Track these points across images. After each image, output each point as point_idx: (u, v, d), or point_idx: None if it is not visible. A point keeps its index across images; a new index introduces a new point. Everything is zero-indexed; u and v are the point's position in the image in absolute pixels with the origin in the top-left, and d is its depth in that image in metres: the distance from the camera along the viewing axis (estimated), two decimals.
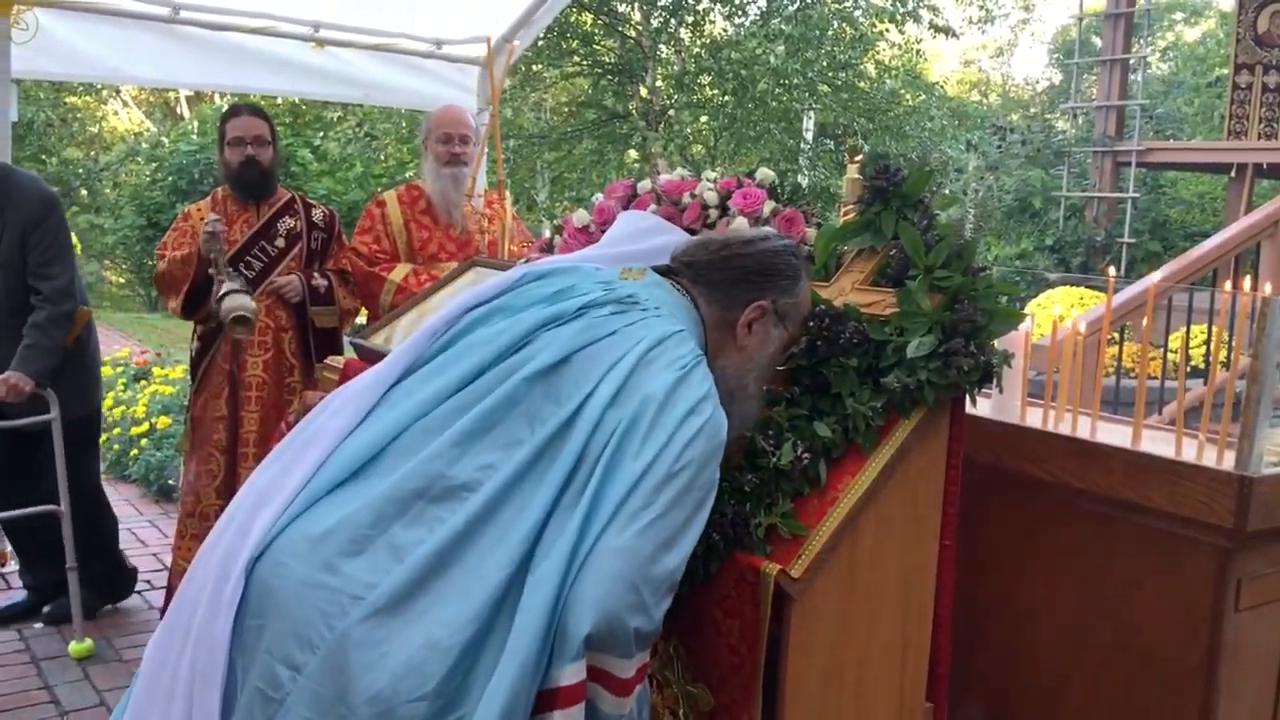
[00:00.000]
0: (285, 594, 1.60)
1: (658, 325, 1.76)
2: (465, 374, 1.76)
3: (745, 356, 1.89)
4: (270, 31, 4.81)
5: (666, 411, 1.63)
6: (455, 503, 1.62)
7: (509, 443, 1.66)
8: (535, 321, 1.79)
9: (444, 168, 3.87)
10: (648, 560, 1.55)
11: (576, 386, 1.69)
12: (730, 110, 15.38)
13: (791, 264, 1.93)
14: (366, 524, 1.62)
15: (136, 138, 18.53)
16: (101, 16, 4.51)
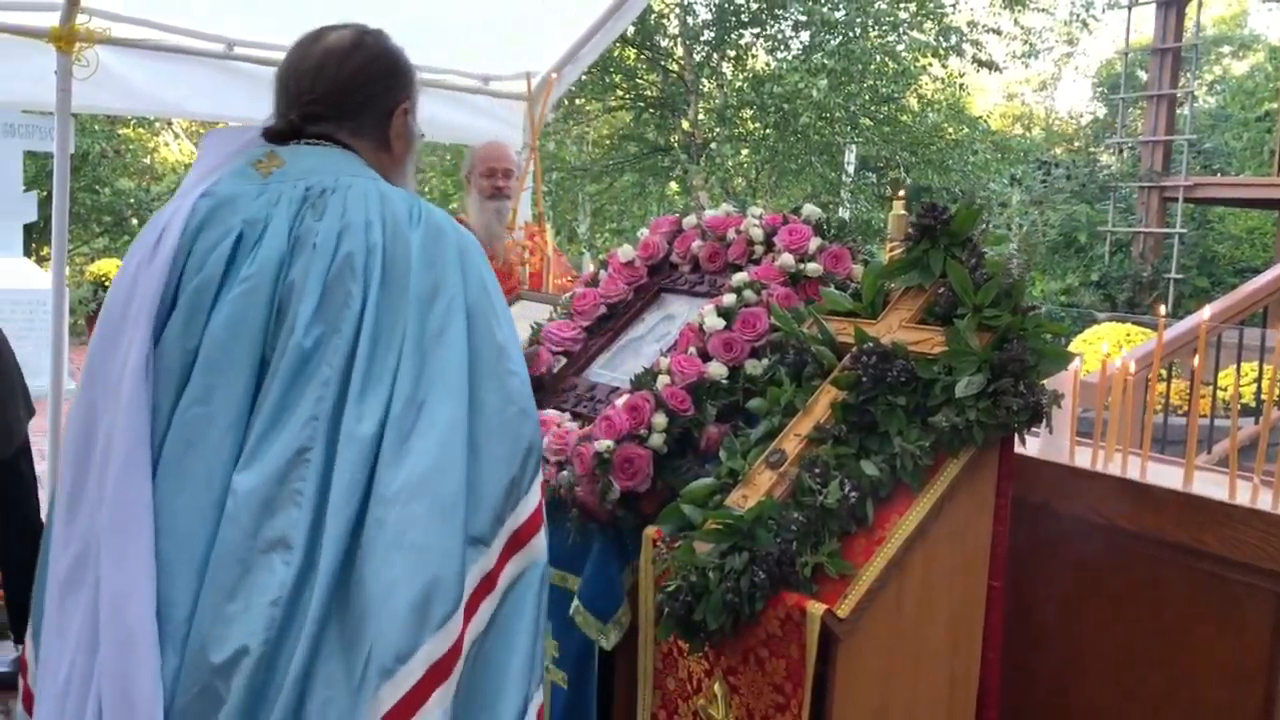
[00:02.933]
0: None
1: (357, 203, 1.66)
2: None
3: (402, 166, 1.85)
4: None
5: (418, 262, 1.62)
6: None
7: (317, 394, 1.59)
8: (260, 277, 1.63)
9: (487, 201, 3.93)
10: (509, 384, 1.63)
11: (350, 299, 1.62)
12: (772, 143, 15.41)
13: (403, 54, 1.88)
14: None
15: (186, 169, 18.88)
16: (158, 53, 4.61)
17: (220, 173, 1.74)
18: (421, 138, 1.92)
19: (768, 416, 2.08)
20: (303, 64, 1.83)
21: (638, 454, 2.20)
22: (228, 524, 1.55)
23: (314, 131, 1.76)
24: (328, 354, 1.59)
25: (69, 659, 1.61)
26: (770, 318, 2.28)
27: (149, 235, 1.70)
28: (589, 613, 2.27)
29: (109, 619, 1.54)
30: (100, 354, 1.68)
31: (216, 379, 1.60)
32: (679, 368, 2.27)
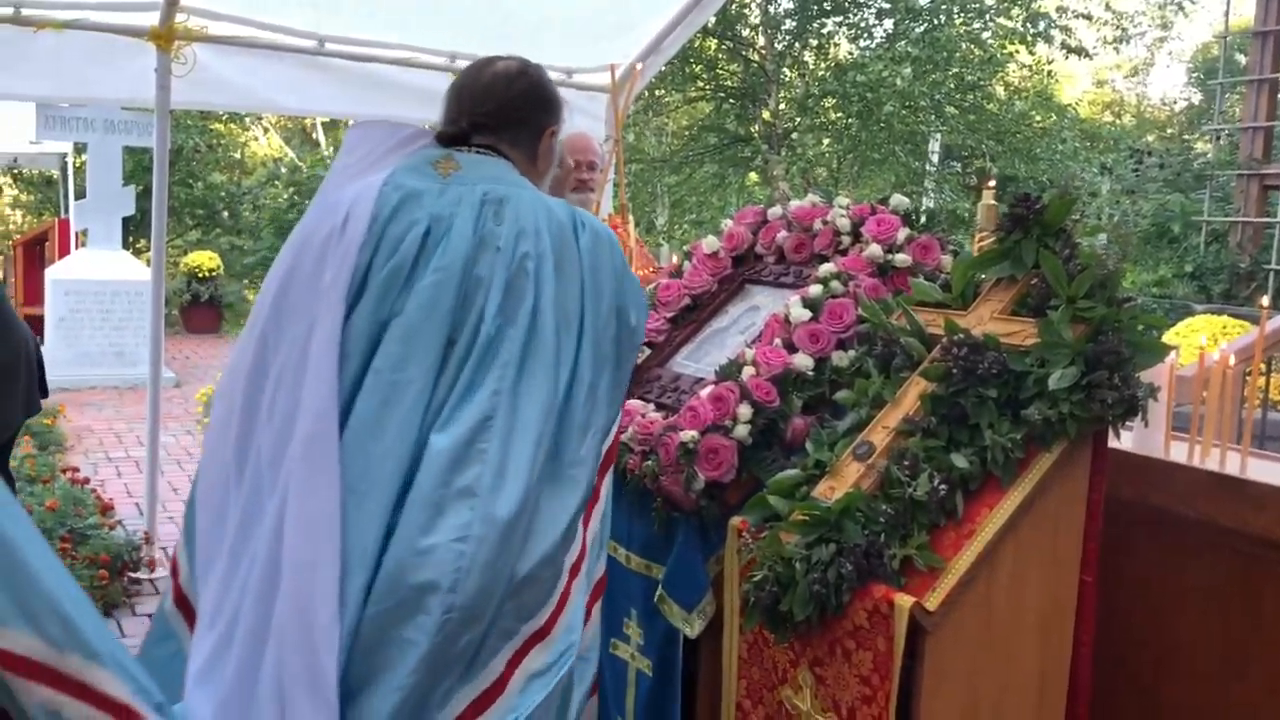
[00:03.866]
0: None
1: (518, 195, 1.98)
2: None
3: (542, 179, 2.15)
4: (409, 62, 4.98)
5: (600, 269, 1.97)
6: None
7: (498, 375, 1.89)
8: (452, 266, 1.94)
9: (571, 194, 3.95)
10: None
11: (525, 296, 1.93)
12: (854, 133, 15.24)
13: (554, 86, 2.19)
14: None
15: (276, 163, 19.32)
16: (254, 50, 4.73)
17: (391, 166, 2.02)
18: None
19: (855, 408, 2.07)
20: (476, 83, 2.15)
21: (722, 445, 2.21)
22: (424, 473, 1.84)
23: (479, 141, 2.06)
24: (507, 341, 1.90)
25: (241, 578, 1.92)
26: (857, 309, 2.27)
27: (333, 216, 1.98)
28: (673, 601, 2.28)
29: (295, 542, 1.83)
30: (277, 316, 1.99)
31: (412, 351, 1.90)
32: (764, 359, 2.28)
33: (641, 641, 2.53)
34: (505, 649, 1.84)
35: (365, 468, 1.87)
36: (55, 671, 1.84)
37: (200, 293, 13.34)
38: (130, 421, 8.25)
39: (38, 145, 11.48)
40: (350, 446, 1.87)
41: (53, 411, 7.59)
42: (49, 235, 11.98)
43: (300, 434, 1.89)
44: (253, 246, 17.02)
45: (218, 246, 16.21)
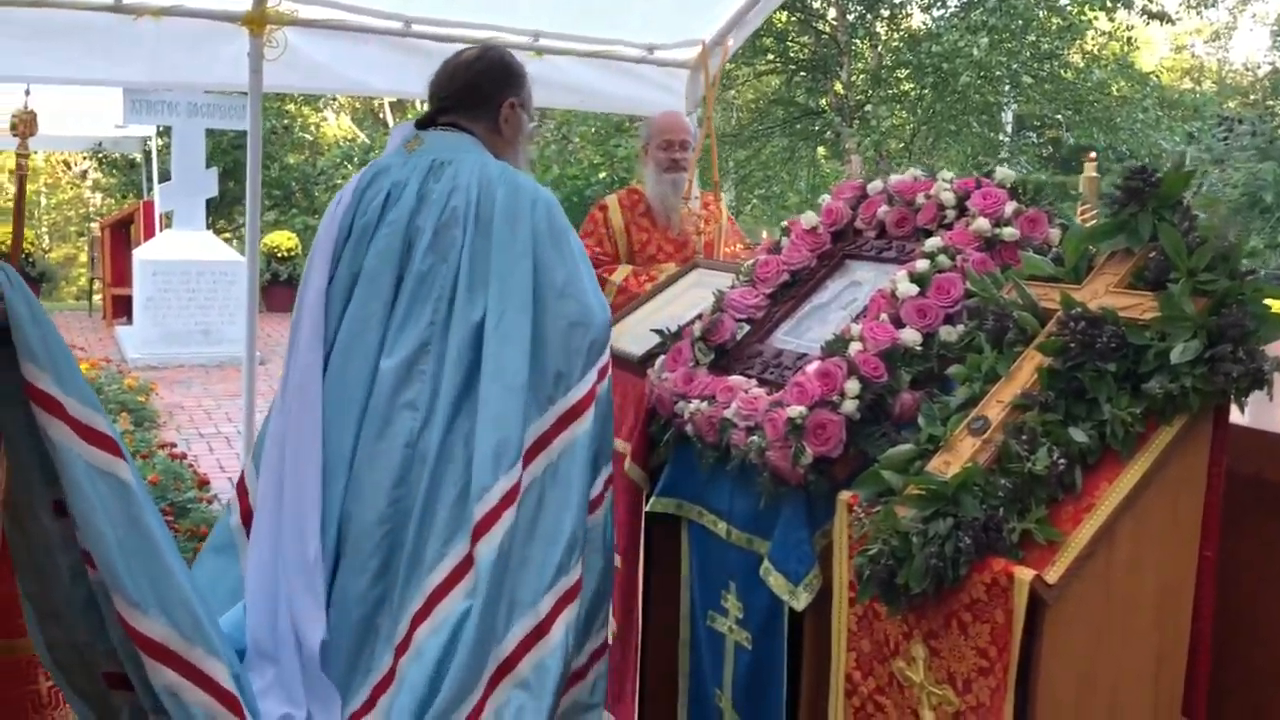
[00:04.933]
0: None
1: (440, 154, 2.45)
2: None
3: (512, 148, 2.57)
4: (494, 42, 5.02)
5: (503, 213, 2.34)
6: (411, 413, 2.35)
7: (433, 308, 2.35)
8: (398, 221, 2.42)
9: (664, 173, 3.97)
10: (579, 302, 2.36)
11: (450, 245, 2.37)
12: (929, 104, 15.02)
13: (516, 63, 2.61)
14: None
15: (350, 143, 19.60)
16: (342, 32, 4.81)
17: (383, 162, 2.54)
18: (534, 127, 2.73)
19: (967, 383, 2.07)
20: (443, 73, 2.59)
21: (830, 420, 2.22)
22: (375, 394, 2.35)
23: (444, 120, 2.52)
24: (439, 278, 2.36)
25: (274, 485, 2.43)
26: (965, 283, 2.26)
27: (337, 198, 2.53)
28: (780, 574, 2.31)
29: (290, 465, 2.37)
30: (301, 282, 2.52)
31: (371, 292, 2.40)
32: (871, 334, 2.28)
33: (741, 615, 2.56)
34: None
35: (341, 389, 2.37)
36: (182, 659, 2.10)
37: (279, 272, 13.61)
38: (218, 398, 8.48)
39: (122, 129, 11.79)
40: (333, 372, 2.39)
41: (145, 389, 7.83)
42: (135, 217, 12.31)
43: (292, 382, 2.43)
44: None
45: (293, 227, 16.51)
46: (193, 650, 2.10)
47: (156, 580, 2.08)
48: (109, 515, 2.05)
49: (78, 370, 2.10)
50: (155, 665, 2.07)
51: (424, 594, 2.27)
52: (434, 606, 2.27)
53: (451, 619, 2.23)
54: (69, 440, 2.04)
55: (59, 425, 2.04)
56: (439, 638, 2.23)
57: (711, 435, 2.50)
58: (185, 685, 2.09)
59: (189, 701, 2.08)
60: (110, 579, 2.05)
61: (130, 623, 2.06)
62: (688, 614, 2.76)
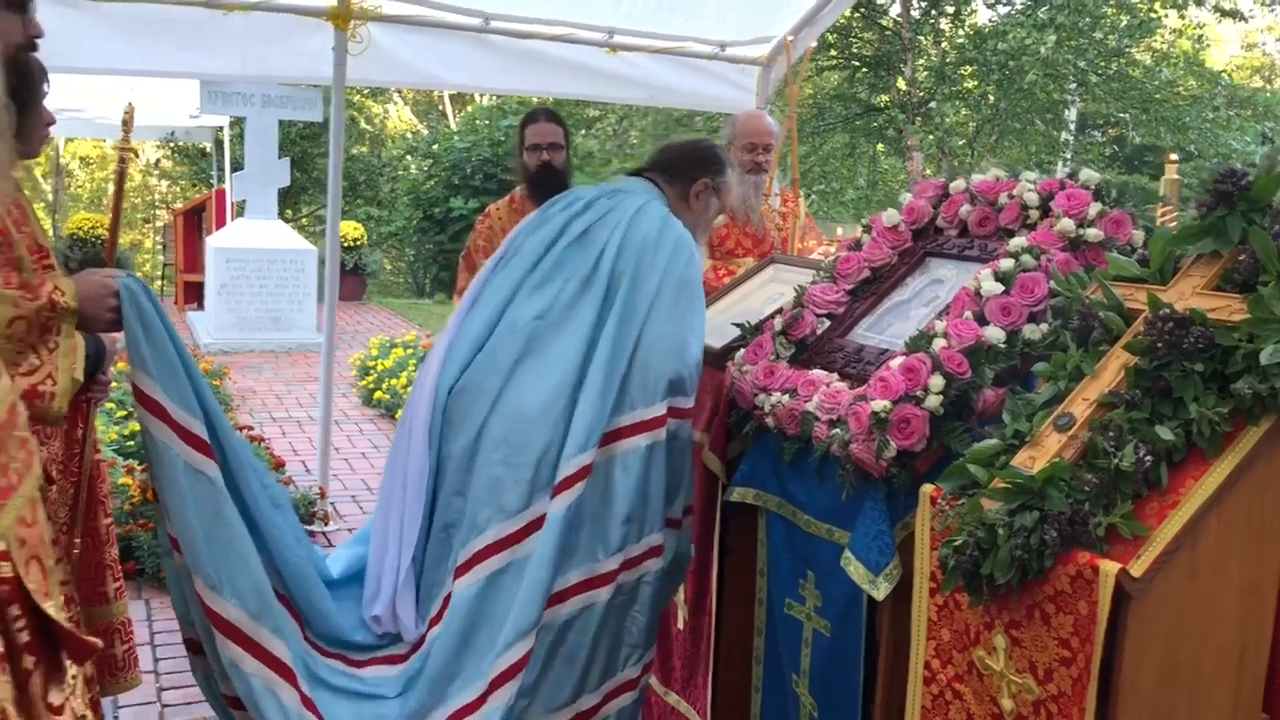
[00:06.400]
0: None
1: (637, 199, 2.81)
2: (534, 255, 2.81)
3: (695, 218, 2.92)
4: (569, 38, 5.11)
5: (661, 243, 2.69)
6: (539, 322, 2.67)
7: (563, 280, 2.70)
8: (563, 219, 2.81)
9: (746, 174, 4.02)
10: (681, 340, 2.63)
11: (595, 245, 2.72)
12: (993, 102, 14.88)
13: (722, 155, 3.03)
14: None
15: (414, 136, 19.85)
16: (423, 28, 4.93)
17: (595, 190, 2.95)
18: (720, 212, 3.21)
19: (1052, 380, 2.11)
20: (660, 147, 3.10)
21: (914, 414, 2.27)
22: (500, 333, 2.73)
23: (646, 173, 2.96)
24: (573, 263, 2.73)
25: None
26: (1049, 283, 2.30)
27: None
28: (861, 564, 2.37)
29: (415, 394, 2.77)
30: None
31: (517, 263, 2.81)
32: (955, 331, 2.33)
33: (819, 603, 2.62)
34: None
35: (470, 327, 2.78)
36: (247, 636, 2.38)
37: (345, 261, 13.81)
38: (288, 383, 8.68)
39: (196, 119, 12.06)
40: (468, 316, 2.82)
41: (219, 373, 8.03)
42: (206, 205, 12.58)
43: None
44: (388, 217, 17.57)
45: (357, 217, 16.77)
46: (259, 630, 2.39)
47: (232, 566, 2.38)
48: (198, 508, 2.34)
49: (181, 378, 2.34)
50: (224, 640, 2.38)
51: (472, 550, 2.57)
52: (478, 564, 2.57)
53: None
54: (169, 440, 2.33)
55: (162, 426, 2.32)
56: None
57: (793, 427, 2.56)
58: (246, 658, 2.37)
59: (248, 671, 2.36)
60: (193, 563, 2.35)
61: (207, 602, 2.36)
62: (764, 601, 2.83)
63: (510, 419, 2.57)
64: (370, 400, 8.04)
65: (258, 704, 2.35)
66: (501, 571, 2.54)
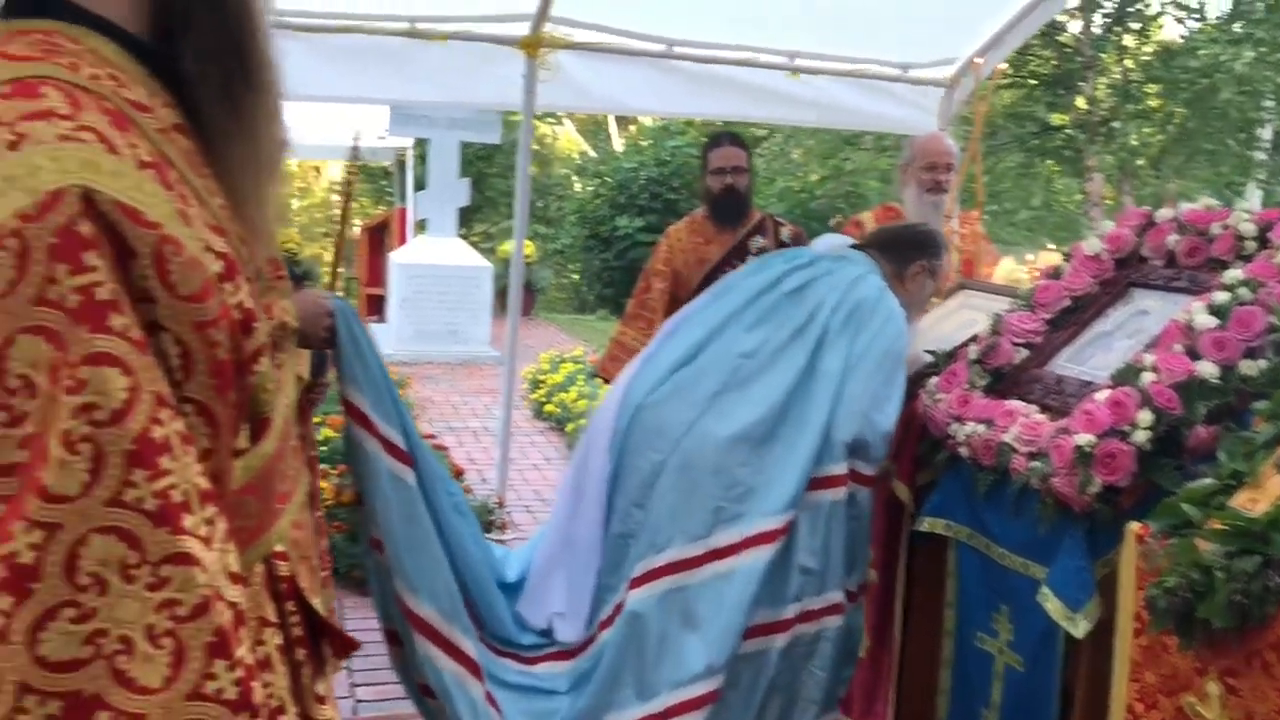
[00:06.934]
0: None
1: (858, 268, 2.94)
2: (747, 296, 2.94)
3: (909, 298, 2.98)
4: (751, 62, 5.16)
5: (878, 309, 2.80)
6: (745, 360, 2.76)
7: (776, 327, 2.80)
8: (783, 269, 2.96)
9: (927, 194, 3.99)
10: (873, 405, 2.70)
11: (812, 299, 2.84)
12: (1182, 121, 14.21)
13: (940, 240, 3.18)
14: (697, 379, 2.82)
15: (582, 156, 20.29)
16: (609, 54, 5.06)
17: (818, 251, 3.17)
18: (933, 294, 3.26)
19: (1273, 419, 2.03)
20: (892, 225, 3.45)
21: (1120, 449, 2.22)
22: (707, 356, 2.87)
23: (869, 250, 3.08)
24: (784, 313, 2.86)
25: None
26: (1269, 317, 2.22)
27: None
28: (1059, 600, 2.32)
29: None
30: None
31: (727, 300, 2.98)
32: (1166, 365, 2.26)
33: (1012, 638, 2.58)
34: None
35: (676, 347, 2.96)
36: (440, 634, 2.54)
37: None
38: (464, 395, 9.00)
39: (382, 140, 12.63)
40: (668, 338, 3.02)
41: (402, 383, 8.40)
42: (389, 222, 13.16)
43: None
44: (554, 235, 18.00)
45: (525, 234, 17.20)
46: (451, 629, 2.55)
47: (427, 570, 2.54)
48: (400, 513, 2.51)
49: (383, 392, 2.51)
50: (420, 638, 2.54)
51: (650, 565, 2.66)
52: (653, 580, 2.64)
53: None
54: (376, 450, 2.50)
55: (369, 438, 2.49)
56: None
57: (988, 459, 2.53)
58: (439, 654, 2.54)
59: (442, 668, 2.52)
60: (394, 564, 2.52)
61: (405, 601, 2.53)
62: (952, 633, 2.79)
63: (704, 446, 2.64)
64: (541, 413, 8.25)
65: (450, 696, 2.51)
66: (676, 591, 2.62)
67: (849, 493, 2.69)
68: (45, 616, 0.87)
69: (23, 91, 0.93)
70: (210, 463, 0.99)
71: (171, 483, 0.92)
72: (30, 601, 0.87)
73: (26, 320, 0.88)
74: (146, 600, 0.90)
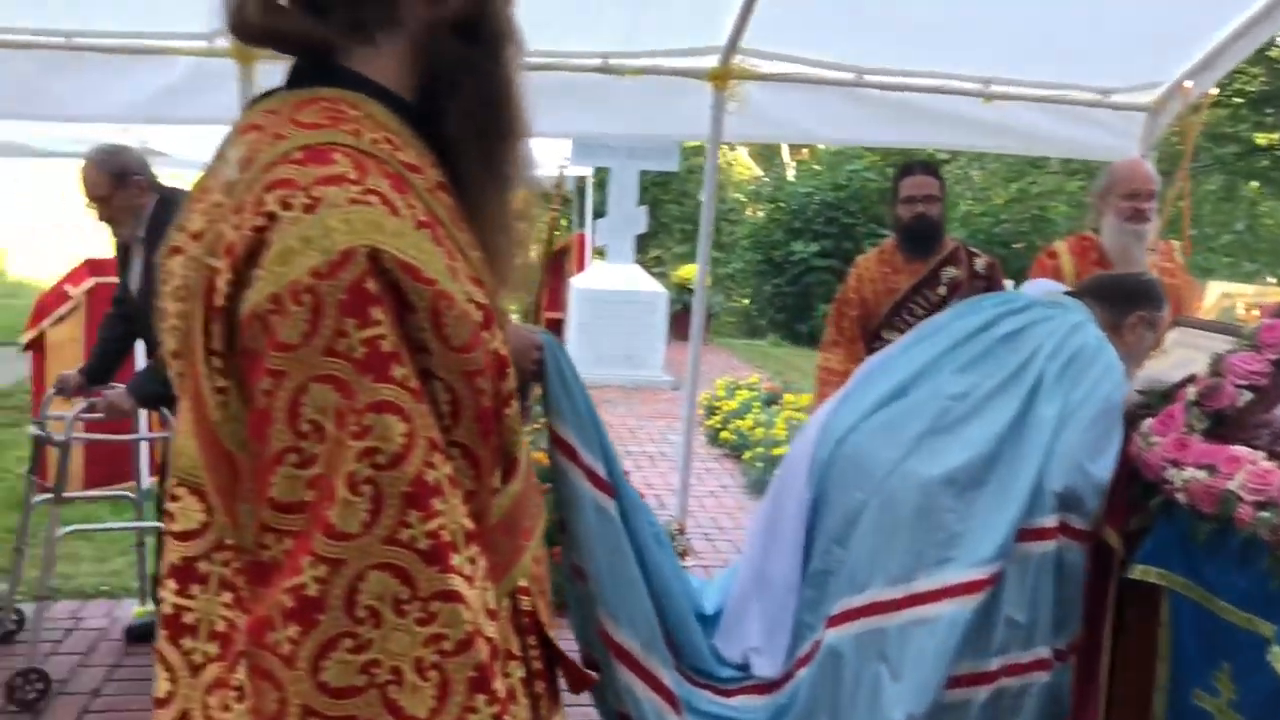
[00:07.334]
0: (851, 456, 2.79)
1: (1075, 315, 2.88)
2: (956, 338, 2.92)
3: (1126, 350, 2.86)
4: (944, 89, 5.07)
5: (1097, 358, 2.74)
6: (954, 402, 2.73)
7: (987, 372, 2.76)
8: (996, 312, 2.94)
9: (1126, 223, 3.83)
10: (1088, 457, 2.60)
11: (1028, 345, 2.80)
12: None
13: (1160, 291, 3.05)
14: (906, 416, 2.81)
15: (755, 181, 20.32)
16: (797, 84, 5.07)
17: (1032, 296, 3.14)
18: (1153, 347, 3.02)
19: None
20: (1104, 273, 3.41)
21: None
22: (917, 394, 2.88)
23: (1084, 298, 3.01)
24: (999, 357, 2.83)
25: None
26: None
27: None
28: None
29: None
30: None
31: (938, 339, 2.99)
32: None
33: (1236, 696, 2.43)
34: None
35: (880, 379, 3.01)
36: (640, 664, 2.56)
37: (689, 302, 14.32)
38: (640, 419, 9.10)
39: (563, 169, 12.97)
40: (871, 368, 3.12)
41: None
42: (569, 248, 13.48)
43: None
44: (726, 259, 18.05)
45: None
46: (649, 659, 2.58)
47: (629, 599, 2.57)
48: (603, 543, 2.54)
49: (587, 423, 2.57)
50: (619, 666, 2.56)
51: (849, 605, 2.64)
52: (851, 620, 2.62)
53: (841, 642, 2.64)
54: (580, 480, 2.54)
55: (573, 467, 2.54)
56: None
57: (1210, 507, 2.40)
58: (638, 684, 2.56)
59: (640, 697, 2.55)
60: (597, 592, 2.55)
61: (607, 630, 2.56)
62: (1165, 688, 2.65)
63: (908, 487, 2.60)
64: (716, 439, 8.27)
65: None
66: (875, 632, 2.59)
67: (1058, 547, 2.61)
68: (328, 645, 0.94)
69: (316, 158, 1.01)
70: (473, 503, 1.04)
71: (442, 523, 0.97)
72: (315, 631, 0.93)
73: (318, 369, 0.95)
74: (416, 634, 0.95)
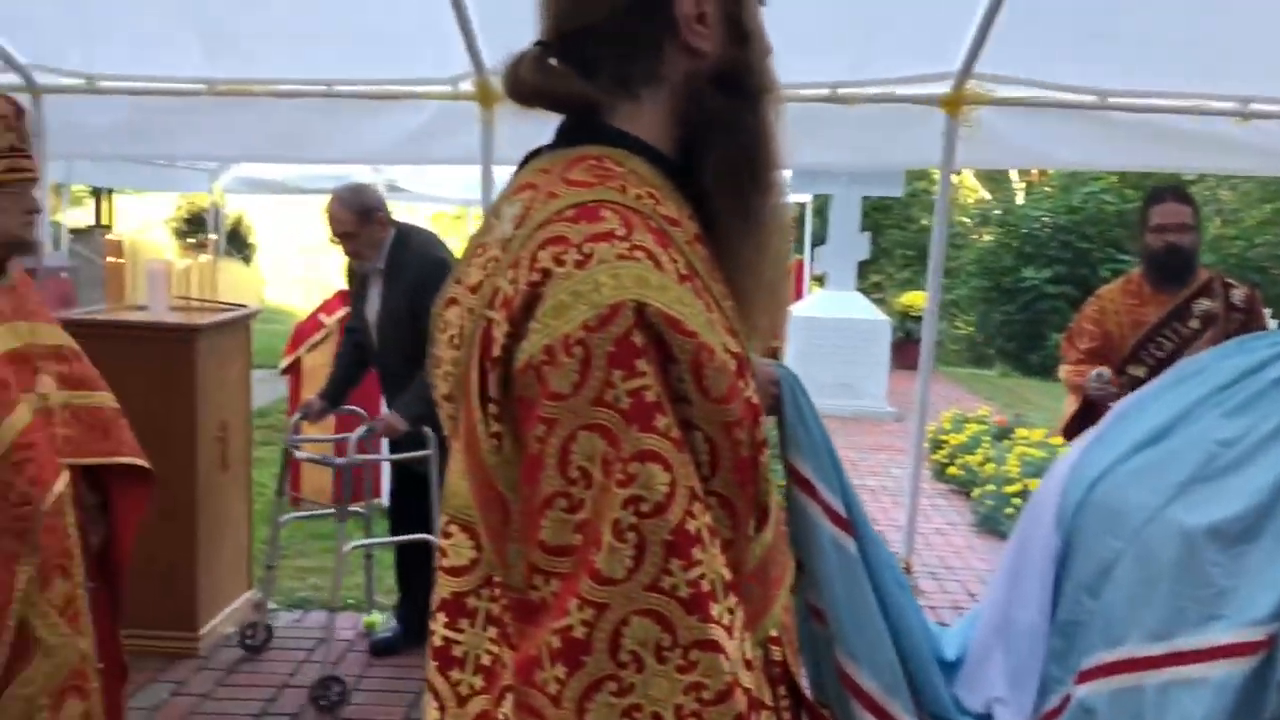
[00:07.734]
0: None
1: None
2: (1222, 380, 2.79)
3: None
4: (1197, 110, 4.77)
5: None
6: (1223, 449, 2.56)
7: (1260, 417, 2.59)
8: (1270, 353, 2.78)
9: None
10: None
11: None
12: None
13: None
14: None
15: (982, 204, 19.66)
16: (1033, 108, 4.88)
17: None
18: None
19: None
20: None
21: None
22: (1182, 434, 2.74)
23: None
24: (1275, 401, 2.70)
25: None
26: None
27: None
28: None
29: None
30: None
31: (1201, 380, 2.90)
32: None
33: None
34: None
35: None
36: (881, 708, 2.49)
37: (913, 330, 14.01)
38: (858, 450, 8.92)
39: None
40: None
41: None
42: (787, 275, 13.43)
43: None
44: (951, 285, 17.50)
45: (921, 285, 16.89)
46: (891, 703, 2.50)
47: (870, 641, 2.50)
48: (843, 582, 2.48)
49: (825, 459, 2.53)
50: (860, 709, 2.49)
51: (1103, 659, 2.52)
52: (1106, 676, 2.50)
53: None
54: (819, 516, 2.49)
55: (811, 503, 2.49)
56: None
57: None
58: None
59: None
60: (836, 633, 2.49)
61: (846, 671, 2.49)
62: None
63: (1169, 537, 2.46)
64: (943, 474, 8.02)
65: None
66: (1132, 691, 2.45)
67: None
68: (592, 687, 0.97)
69: (587, 215, 1.05)
70: (730, 553, 1.06)
71: (702, 573, 0.99)
72: (581, 673, 0.97)
73: (587, 419, 0.99)
74: (676, 681, 0.97)
